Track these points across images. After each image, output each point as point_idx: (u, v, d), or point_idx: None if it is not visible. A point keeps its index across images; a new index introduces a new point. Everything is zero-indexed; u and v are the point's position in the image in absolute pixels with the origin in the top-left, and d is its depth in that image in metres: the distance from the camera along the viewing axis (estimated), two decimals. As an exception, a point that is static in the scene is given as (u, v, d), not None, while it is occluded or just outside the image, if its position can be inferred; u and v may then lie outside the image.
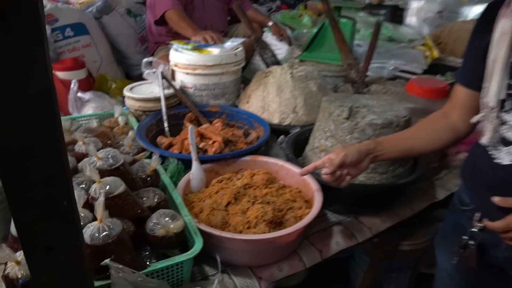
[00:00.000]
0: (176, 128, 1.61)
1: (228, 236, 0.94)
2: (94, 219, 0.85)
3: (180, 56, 1.63)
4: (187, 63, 1.61)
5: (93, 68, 2.04)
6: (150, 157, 1.29)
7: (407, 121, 1.21)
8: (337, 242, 1.18)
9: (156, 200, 0.98)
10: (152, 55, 2.18)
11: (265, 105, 1.59)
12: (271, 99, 1.58)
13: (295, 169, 1.24)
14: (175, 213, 0.93)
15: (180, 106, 1.65)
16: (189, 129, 1.23)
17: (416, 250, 1.55)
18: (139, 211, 0.93)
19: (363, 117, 1.19)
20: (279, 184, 1.14)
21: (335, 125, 1.23)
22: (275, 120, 1.56)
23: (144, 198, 0.98)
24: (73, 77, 1.82)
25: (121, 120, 1.54)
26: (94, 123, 1.52)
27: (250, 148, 1.32)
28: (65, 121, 1.49)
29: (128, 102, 1.62)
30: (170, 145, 1.36)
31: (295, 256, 1.10)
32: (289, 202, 1.10)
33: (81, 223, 0.83)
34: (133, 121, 1.56)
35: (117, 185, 0.91)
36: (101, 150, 1.00)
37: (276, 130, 1.57)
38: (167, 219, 0.90)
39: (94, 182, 0.90)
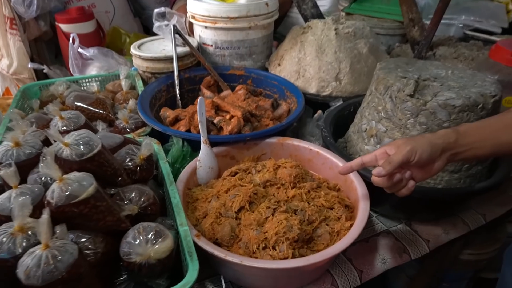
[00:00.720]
0: (192, 95, 1.32)
1: (235, 261, 0.67)
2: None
3: (198, 5, 1.30)
4: (206, 14, 1.29)
5: (104, 20, 1.76)
6: (154, 134, 1.02)
7: (497, 101, 0.86)
8: (383, 260, 0.88)
9: (141, 203, 0.72)
10: (173, 5, 1.86)
11: (300, 69, 1.26)
12: (308, 62, 1.25)
13: (335, 159, 0.93)
14: (162, 228, 0.66)
15: (198, 68, 1.35)
16: (198, 101, 0.94)
17: (478, 260, 1.23)
18: (115, 221, 0.67)
19: (434, 94, 0.85)
20: (311, 184, 0.84)
21: (393, 104, 0.90)
22: (312, 89, 1.23)
23: (126, 202, 0.72)
24: (79, 30, 1.55)
25: (125, 83, 1.27)
26: (94, 87, 1.26)
27: (277, 128, 1.01)
28: (57, 84, 1.23)
29: (135, 61, 1.34)
30: (177, 120, 1.08)
31: (326, 277, 0.82)
32: (323, 209, 0.81)
33: (18, 248, 0.58)
34: (140, 86, 1.29)
35: (84, 185, 0.64)
36: (72, 133, 0.73)
37: (313, 102, 1.25)
38: (149, 236, 0.64)
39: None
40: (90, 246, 0.63)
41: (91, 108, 1.09)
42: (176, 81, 1.25)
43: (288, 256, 0.70)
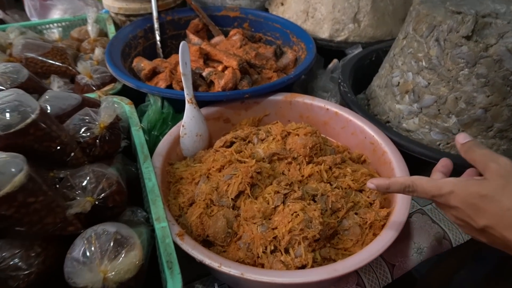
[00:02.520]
0: (177, 43, 1.06)
1: (234, 273, 0.46)
2: None
3: None
4: None
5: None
6: (127, 93, 0.79)
7: None
8: (419, 249, 0.69)
9: (99, 192, 0.50)
10: None
11: (309, 9, 1.00)
12: (319, 0, 0.99)
13: (359, 122, 0.71)
14: (126, 233, 0.45)
15: (183, 9, 1.08)
16: (180, 47, 0.70)
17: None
18: (58, 223, 0.45)
19: (499, 35, 0.61)
20: (334, 158, 0.62)
21: (440, 49, 0.66)
22: (324, 33, 0.98)
23: (78, 192, 0.49)
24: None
25: (92, 29, 1.01)
26: (55, 34, 1.00)
27: (283, 81, 0.78)
28: (8, 31, 0.97)
29: (106, 1, 1.07)
30: (154, 73, 0.83)
31: (350, 276, 0.63)
32: (351, 193, 0.59)
33: None
34: (112, 31, 1.03)
35: (6, 173, 0.42)
36: (-4, 93, 0.49)
37: (324, 50, 1.01)
38: (105, 248, 0.42)
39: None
40: (19, 264, 0.42)
41: (46, 60, 0.84)
42: (156, 25, 0.99)
43: (307, 264, 0.50)
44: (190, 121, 0.69)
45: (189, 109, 0.70)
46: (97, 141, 0.57)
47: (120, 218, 0.53)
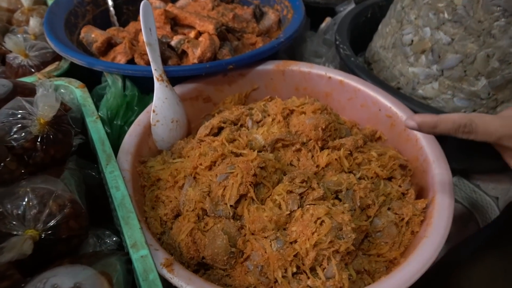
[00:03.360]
0: (134, 9, 0.87)
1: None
2: None
3: None
4: None
5: None
6: (76, 73, 0.62)
7: None
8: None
9: (44, 220, 0.34)
10: None
11: (288, -39, 0.84)
12: None
13: (370, 91, 0.58)
14: (94, 283, 0.30)
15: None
16: (141, 8, 0.53)
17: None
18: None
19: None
20: (355, 141, 0.48)
21: (470, -6, 0.53)
22: (309, -12, 0.83)
23: (14, 223, 0.34)
24: None
25: (25, -5, 0.80)
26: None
27: (273, 46, 0.63)
28: None
29: (39, -41, 0.86)
30: (110, 45, 0.66)
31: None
32: (379, 183, 0.47)
33: None
34: (51, -3, 0.83)
35: None
36: None
37: (311, 8, 0.86)
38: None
39: None
40: None
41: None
42: (106, -14, 0.80)
43: (343, 286, 0.37)
44: (163, 104, 0.54)
45: (160, 89, 0.54)
46: (38, 143, 0.41)
47: (81, 250, 0.38)
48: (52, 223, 0.35)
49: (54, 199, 0.36)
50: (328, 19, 0.78)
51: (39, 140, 0.41)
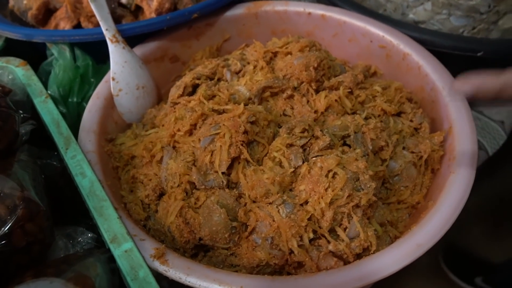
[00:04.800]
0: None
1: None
2: None
3: None
4: None
5: None
6: (13, 49, 0.52)
7: None
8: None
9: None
10: None
11: None
12: None
13: (358, 22, 0.50)
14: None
15: None
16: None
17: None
18: None
19: None
20: (354, 76, 0.41)
21: None
22: None
23: None
24: None
25: None
26: None
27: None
28: None
29: None
30: (49, 12, 0.55)
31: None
32: (388, 120, 0.40)
33: None
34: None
35: None
36: None
37: None
38: None
39: None
40: None
41: None
42: None
43: (370, 245, 0.31)
44: (123, 70, 0.45)
45: (116, 52, 0.45)
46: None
47: (50, 257, 0.31)
48: (2, 230, 0.27)
49: (0, 201, 0.28)
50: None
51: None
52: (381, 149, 0.37)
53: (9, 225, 0.27)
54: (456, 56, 0.48)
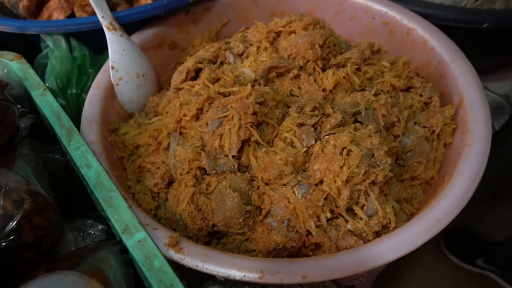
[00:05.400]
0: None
1: (289, 281, 0.26)
2: None
3: None
4: None
5: None
6: (5, 43, 0.51)
7: None
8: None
9: (1, 229, 0.25)
10: None
11: None
12: None
13: (360, 0, 0.49)
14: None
15: None
16: None
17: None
18: None
19: None
20: (361, 52, 0.39)
21: None
22: None
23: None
24: None
25: None
26: None
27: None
28: None
29: None
30: (41, 3, 0.53)
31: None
32: (398, 96, 0.39)
33: None
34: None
35: None
36: None
37: None
38: None
39: None
40: None
41: None
42: None
43: (389, 222, 0.30)
44: (122, 58, 0.43)
45: (114, 40, 0.43)
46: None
47: (60, 251, 0.29)
48: (10, 225, 0.26)
49: (6, 195, 0.26)
50: None
51: (-31, 125, 0.31)
52: (392, 125, 0.36)
53: (17, 219, 0.26)
54: (461, 28, 0.47)
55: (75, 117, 0.43)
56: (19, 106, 0.39)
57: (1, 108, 0.33)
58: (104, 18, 0.43)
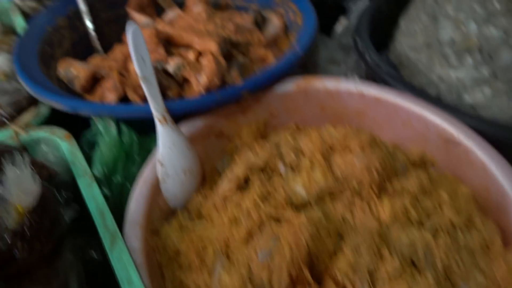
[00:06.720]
0: (118, 28, 0.74)
1: None
2: None
3: None
4: None
5: None
6: (57, 119, 0.51)
7: None
8: None
9: None
10: None
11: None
12: None
13: (415, 107, 0.47)
14: None
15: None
16: (130, 35, 0.41)
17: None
18: None
19: None
20: (419, 181, 0.38)
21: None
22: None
23: None
24: None
25: (-11, 25, 0.68)
26: None
27: (289, 62, 0.52)
28: None
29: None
30: (95, 80, 0.54)
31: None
32: (457, 234, 0.36)
33: None
34: (21, 25, 0.70)
35: None
36: None
37: (318, 5, 0.74)
38: None
39: None
40: None
41: None
42: (83, 7, 0.68)
43: None
44: (171, 153, 0.43)
45: (165, 134, 0.43)
46: (18, 244, 0.29)
47: None
48: None
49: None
50: (343, 20, 0.67)
51: (20, 236, 0.30)
52: (452, 273, 0.33)
53: None
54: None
55: (118, 206, 0.42)
56: (62, 199, 0.39)
57: (51, 215, 0.32)
58: (156, 110, 0.43)
